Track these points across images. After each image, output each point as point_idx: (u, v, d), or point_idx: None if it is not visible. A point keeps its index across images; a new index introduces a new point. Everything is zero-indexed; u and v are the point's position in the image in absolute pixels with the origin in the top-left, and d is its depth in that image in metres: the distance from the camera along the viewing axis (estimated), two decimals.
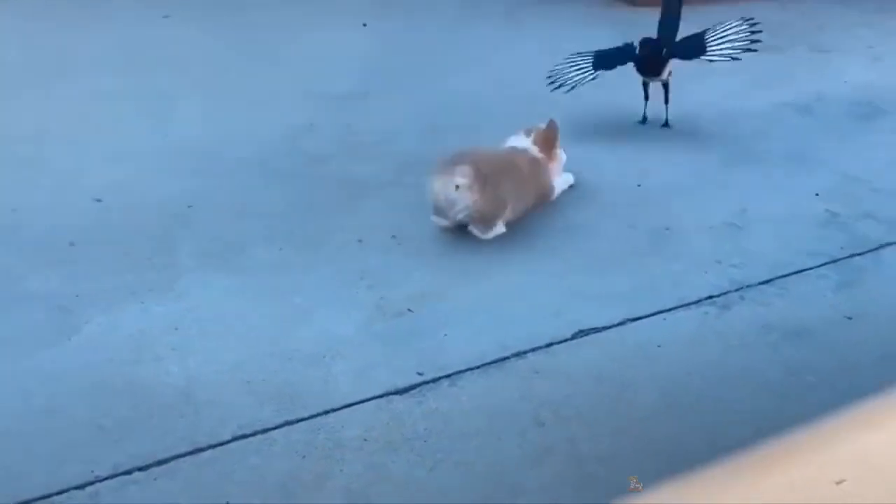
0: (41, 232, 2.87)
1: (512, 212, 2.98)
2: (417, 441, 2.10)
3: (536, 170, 3.12)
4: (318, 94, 3.47)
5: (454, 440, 2.10)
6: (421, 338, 2.45)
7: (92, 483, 1.93)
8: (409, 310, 2.56)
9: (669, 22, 3.88)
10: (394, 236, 2.91)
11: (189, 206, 3.01)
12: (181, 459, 2.01)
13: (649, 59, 3.77)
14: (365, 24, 4.91)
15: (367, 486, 1.97)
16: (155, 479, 1.95)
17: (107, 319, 2.46)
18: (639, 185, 3.33)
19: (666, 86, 3.86)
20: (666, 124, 3.86)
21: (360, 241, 2.89)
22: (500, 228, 2.96)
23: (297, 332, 2.44)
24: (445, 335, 2.45)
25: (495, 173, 2.92)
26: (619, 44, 3.90)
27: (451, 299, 2.62)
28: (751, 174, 3.47)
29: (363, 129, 3.82)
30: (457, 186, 2.83)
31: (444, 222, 2.94)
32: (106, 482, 1.93)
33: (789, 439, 2.16)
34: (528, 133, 3.21)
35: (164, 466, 1.99)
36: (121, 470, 1.96)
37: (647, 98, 3.87)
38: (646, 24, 5.24)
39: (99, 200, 3.04)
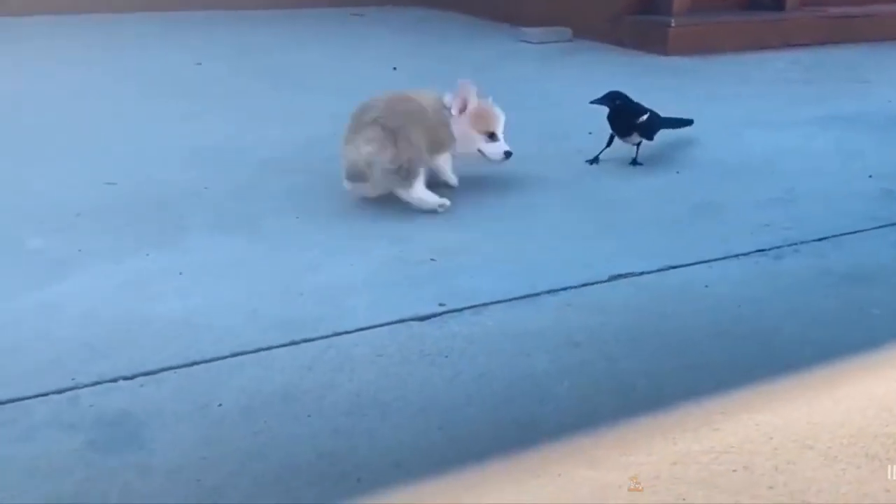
0: (48, 205, 2.73)
1: (429, 154, 2.81)
2: (438, 357, 1.88)
3: (441, 116, 2.88)
4: (341, 114, 3.39)
5: (477, 356, 1.89)
6: (443, 279, 2.25)
7: (72, 389, 1.74)
8: (431, 259, 2.37)
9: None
10: (417, 209, 2.75)
11: (205, 188, 2.88)
12: (171, 371, 1.81)
13: (617, 118, 3.26)
14: (395, 69, 4.92)
15: (377, 392, 1.75)
16: (141, 386, 1.75)
17: (107, 267, 2.29)
18: (677, 172, 3.17)
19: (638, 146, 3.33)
20: (635, 162, 3.27)
21: (377, 212, 2.72)
22: (437, 200, 2.73)
23: (309, 276, 2.27)
24: (471, 277, 2.26)
25: (404, 124, 2.74)
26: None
27: (477, 252, 2.43)
28: (800, 163, 3.28)
29: None
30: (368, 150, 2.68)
31: (361, 189, 2.76)
32: (87, 388, 1.74)
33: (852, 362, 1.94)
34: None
35: (151, 376, 1.79)
36: (105, 378, 1.77)
37: (608, 145, 3.28)
38: (678, 71, 5.28)
39: (113, 184, 2.92)
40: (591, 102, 3.26)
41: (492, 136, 2.94)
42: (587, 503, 1.46)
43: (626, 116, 3.27)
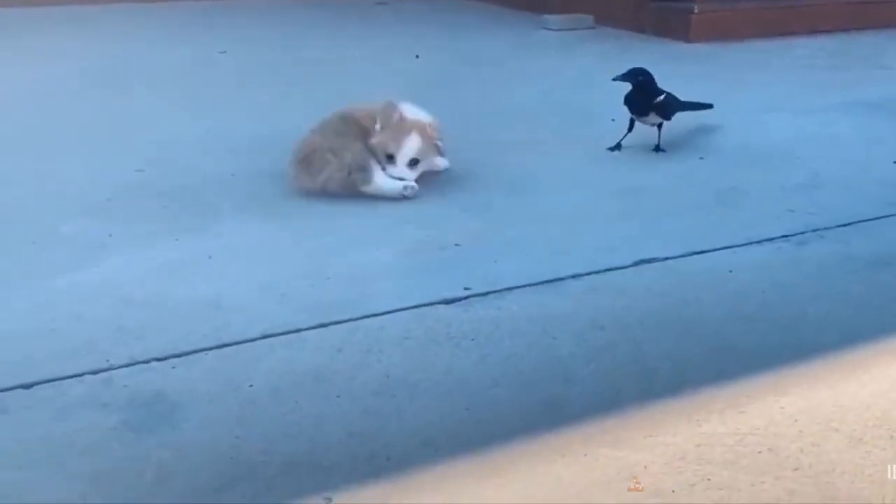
0: (78, 192, 2.77)
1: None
2: (464, 339, 1.91)
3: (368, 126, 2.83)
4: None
5: (503, 339, 1.91)
6: (468, 264, 2.28)
7: (106, 370, 1.78)
8: (456, 244, 2.39)
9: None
10: (441, 194, 2.76)
11: (232, 175, 2.91)
12: (203, 353, 1.84)
13: (637, 96, 3.25)
14: (418, 56, 4.93)
15: (405, 374, 1.78)
16: (173, 368, 1.79)
17: (139, 251, 2.33)
18: (701, 158, 3.17)
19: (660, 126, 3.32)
20: (658, 148, 3.26)
21: (405, 197, 2.74)
22: (398, 186, 2.72)
23: (336, 260, 2.30)
24: (495, 262, 2.28)
25: (337, 142, 2.76)
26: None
27: (501, 237, 2.45)
28: (823, 149, 3.27)
29: None
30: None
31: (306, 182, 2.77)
32: (120, 370, 1.78)
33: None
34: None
35: (183, 358, 1.82)
36: (138, 360, 1.81)
37: (629, 130, 3.28)
38: (700, 57, 5.26)
39: (141, 171, 2.96)
40: (614, 79, 3.25)
41: (390, 159, 2.78)
42: (612, 482, 1.49)
43: (645, 95, 3.25)
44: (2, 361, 1.81)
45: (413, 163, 2.78)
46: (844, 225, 2.54)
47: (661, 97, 3.25)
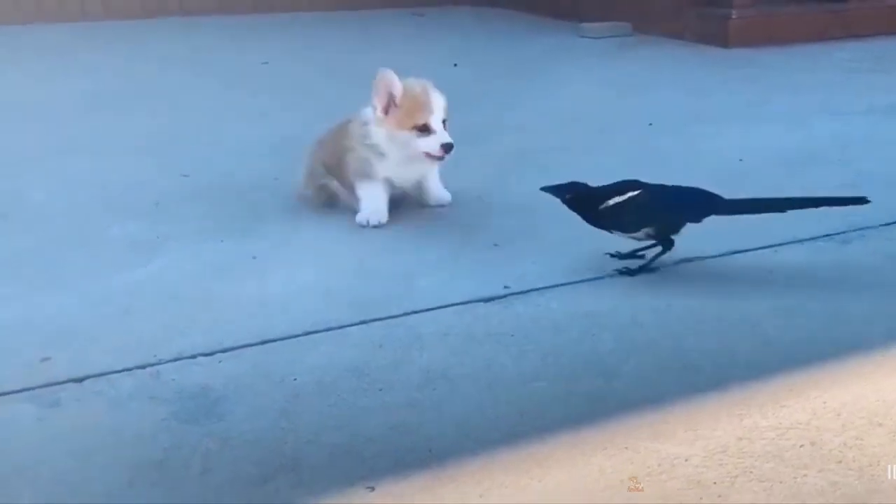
0: (128, 197, 2.84)
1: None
2: (503, 336, 1.93)
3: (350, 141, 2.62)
4: None
5: (543, 334, 1.93)
6: (507, 263, 2.29)
7: (154, 364, 1.82)
8: (495, 244, 2.41)
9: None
10: (478, 197, 2.78)
11: (275, 179, 2.96)
12: (248, 348, 1.88)
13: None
14: (456, 65, 4.96)
15: (446, 368, 1.79)
16: (220, 363, 1.83)
17: (186, 251, 2.38)
18: (740, 160, 3.16)
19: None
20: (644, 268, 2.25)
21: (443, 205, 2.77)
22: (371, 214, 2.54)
23: (377, 260, 2.33)
24: (534, 262, 2.29)
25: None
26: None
27: (539, 237, 2.46)
28: (867, 150, 3.24)
29: None
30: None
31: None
32: (168, 364, 1.82)
33: None
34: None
35: (230, 353, 1.86)
36: (185, 355, 1.85)
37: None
38: (740, 62, 5.24)
39: (187, 175, 3.03)
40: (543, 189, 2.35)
41: (423, 130, 2.49)
42: (653, 474, 1.49)
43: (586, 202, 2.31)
44: (55, 356, 1.85)
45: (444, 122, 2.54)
46: (887, 224, 2.51)
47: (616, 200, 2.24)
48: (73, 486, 1.48)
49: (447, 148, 2.47)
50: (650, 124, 3.52)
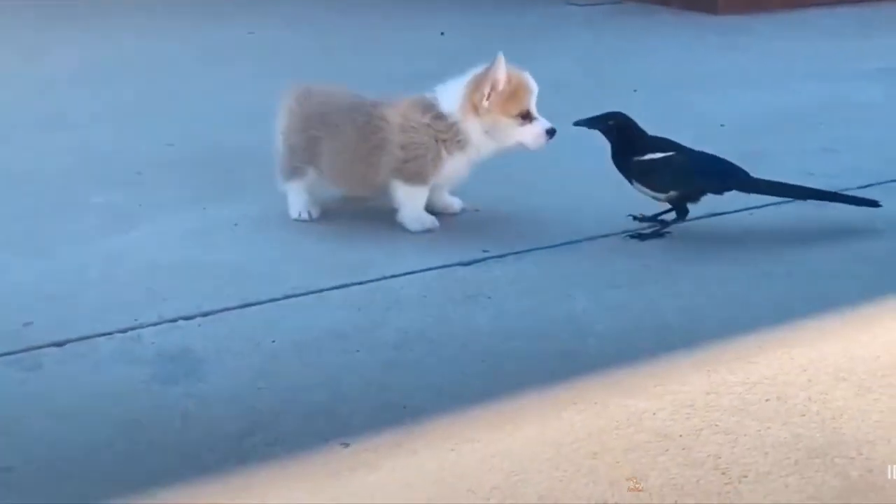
0: (110, 166, 2.84)
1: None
2: (481, 297, 1.96)
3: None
4: (390, 76, 3.50)
5: (519, 297, 1.96)
6: (487, 228, 2.33)
7: (135, 328, 1.85)
8: (476, 210, 2.44)
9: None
10: None
11: (258, 148, 2.94)
12: (228, 311, 1.91)
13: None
14: (443, 34, 4.96)
15: (423, 329, 1.83)
16: (199, 326, 1.86)
17: (168, 219, 2.40)
18: (722, 126, 3.17)
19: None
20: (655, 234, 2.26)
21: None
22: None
23: (358, 225, 2.35)
24: (515, 227, 2.32)
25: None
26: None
27: (520, 203, 2.49)
28: (849, 113, 3.25)
29: None
30: None
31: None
32: (149, 327, 1.85)
33: None
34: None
35: (210, 316, 1.89)
36: (165, 319, 1.88)
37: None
38: (729, 28, 5.24)
39: (171, 145, 3.04)
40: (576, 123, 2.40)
41: (526, 117, 2.31)
42: (621, 427, 1.53)
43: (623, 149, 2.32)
44: (37, 321, 1.88)
45: None
46: (866, 186, 2.54)
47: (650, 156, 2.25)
48: (52, 445, 1.51)
49: (552, 133, 2.32)
50: (635, 90, 3.53)
